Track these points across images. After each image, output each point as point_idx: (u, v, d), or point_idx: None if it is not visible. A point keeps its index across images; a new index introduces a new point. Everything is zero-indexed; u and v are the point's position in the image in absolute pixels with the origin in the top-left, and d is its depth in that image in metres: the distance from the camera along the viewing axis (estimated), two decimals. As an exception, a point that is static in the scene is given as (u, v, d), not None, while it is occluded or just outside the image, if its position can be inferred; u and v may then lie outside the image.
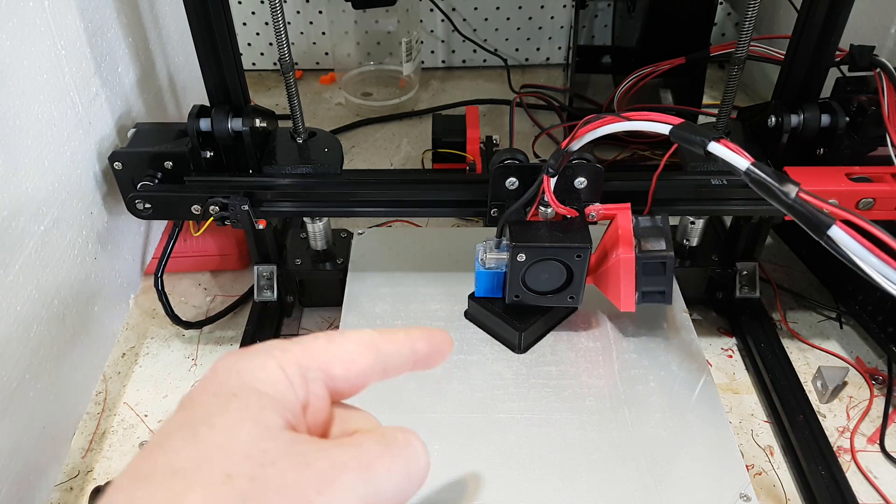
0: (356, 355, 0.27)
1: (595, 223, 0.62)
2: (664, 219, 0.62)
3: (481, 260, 0.63)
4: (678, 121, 0.49)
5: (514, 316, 0.64)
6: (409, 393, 0.61)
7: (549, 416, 0.59)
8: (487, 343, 0.66)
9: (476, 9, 1.25)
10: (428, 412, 0.59)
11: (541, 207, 0.61)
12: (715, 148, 0.46)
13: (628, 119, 0.52)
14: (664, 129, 0.50)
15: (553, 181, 0.58)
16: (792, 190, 0.42)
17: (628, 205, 0.61)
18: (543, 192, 0.58)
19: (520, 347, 0.65)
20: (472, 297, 0.67)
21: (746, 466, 0.65)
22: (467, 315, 0.69)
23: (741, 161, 0.45)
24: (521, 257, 0.59)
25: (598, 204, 0.62)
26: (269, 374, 0.25)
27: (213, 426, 0.23)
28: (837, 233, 0.40)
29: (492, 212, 0.64)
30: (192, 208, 0.67)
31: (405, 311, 0.69)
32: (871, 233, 0.40)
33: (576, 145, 0.55)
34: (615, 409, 0.60)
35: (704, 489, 0.54)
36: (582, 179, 0.61)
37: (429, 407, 0.60)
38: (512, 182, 0.62)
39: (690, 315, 0.69)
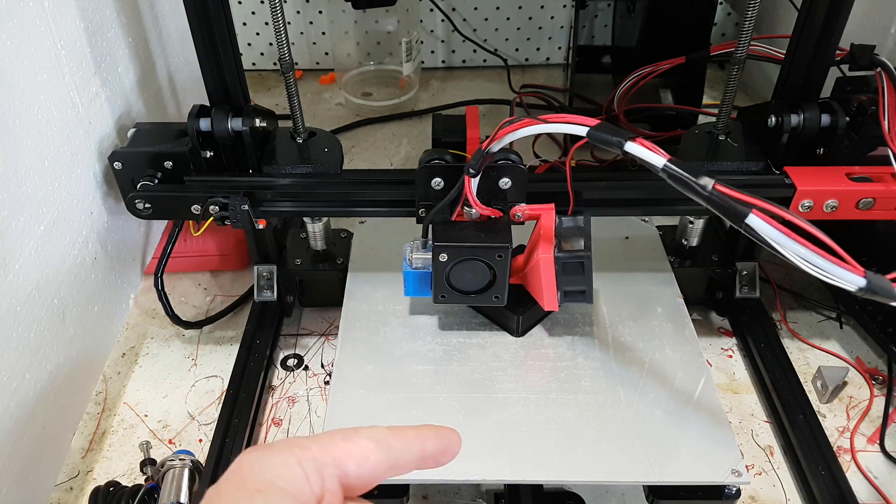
0: (369, 452, 0.29)
1: (522, 223, 0.63)
2: (586, 219, 0.63)
3: (408, 260, 0.63)
4: (594, 122, 0.50)
5: (513, 301, 0.65)
6: (410, 374, 0.63)
7: (546, 396, 0.61)
8: (486, 327, 0.68)
9: (476, 9, 1.25)
10: (429, 392, 0.62)
11: (466, 208, 0.61)
12: (631, 147, 0.47)
13: (545, 121, 0.52)
14: (581, 130, 0.50)
15: (475, 182, 0.58)
16: (709, 183, 0.43)
17: (552, 205, 0.61)
18: (466, 193, 0.59)
19: (518, 331, 0.67)
20: None
21: (746, 466, 0.65)
22: None
23: (657, 159, 0.45)
24: (443, 257, 0.60)
25: (523, 204, 0.62)
26: (289, 470, 0.27)
27: None
28: (755, 220, 0.41)
29: (420, 212, 0.65)
30: (192, 208, 0.67)
31: (405, 302, 0.70)
32: (786, 219, 0.41)
33: (495, 146, 0.56)
34: (610, 389, 0.62)
35: (698, 465, 0.55)
36: (506, 180, 0.61)
37: (430, 387, 0.62)
38: (437, 182, 0.62)
39: (690, 315, 0.69)
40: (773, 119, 0.66)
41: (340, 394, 0.62)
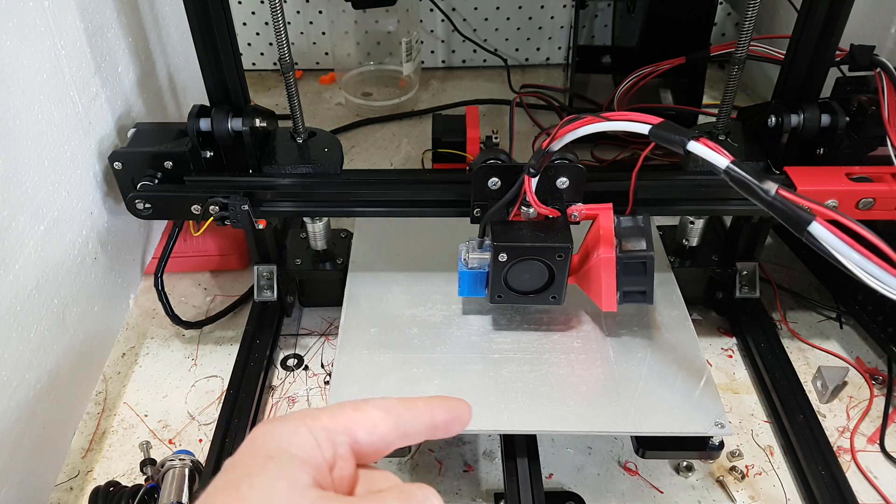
0: (378, 421, 0.30)
1: (578, 223, 0.63)
2: (646, 219, 0.63)
3: (464, 260, 0.63)
4: (657, 120, 0.49)
5: None
6: (412, 337, 0.66)
7: (540, 356, 0.64)
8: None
9: (476, 9, 1.25)
10: (429, 353, 0.65)
11: (523, 207, 0.61)
12: (694, 147, 0.46)
13: (608, 119, 0.52)
14: (643, 128, 0.49)
15: (534, 181, 0.58)
16: (772, 187, 0.42)
17: (610, 205, 0.61)
18: (525, 193, 0.59)
19: None
20: None
21: (746, 467, 0.65)
22: None
23: (720, 160, 0.45)
24: (503, 257, 0.60)
25: (580, 204, 0.62)
26: (300, 438, 0.28)
27: (252, 485, 0.26)
28: (818, 229, 0.40)
29: (475, 212, 0.64)
30: (192, 208, 0.67)
31: (406, 272, 0.73)
32: (850, 228, 0.40)
33: (556, 145, 0.55)
34: (601, 349, 0.64)
35: (683, 417, 0.58)
36: (564, 180, 0.61)
37: (430, 348, 0.65)
38: (494, 182, 0.62)
39: (690, 315, 0.69)
40: (773, 119, 0.66)
41: (346, 353, 0.64)
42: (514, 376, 0.62)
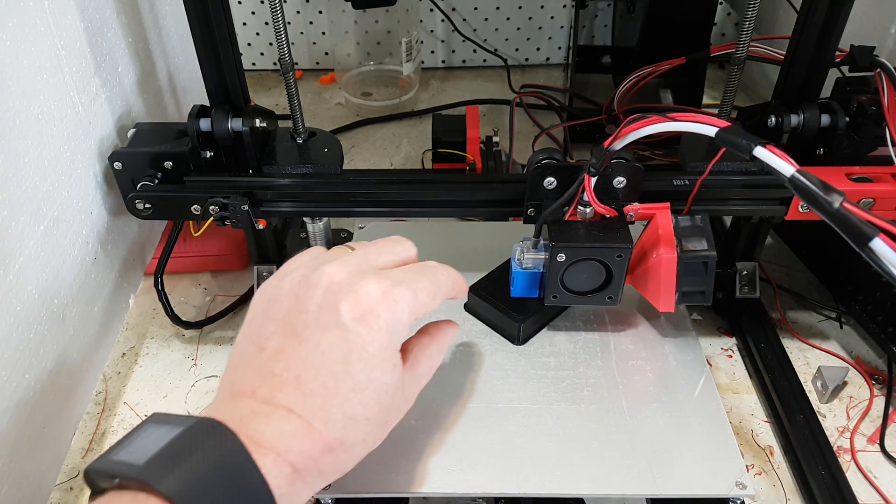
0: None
1: (633, 223, 0.62)
2: (704, 218, 0.62)
3: (518, 260, 0.62)
4: (724, 123, 0.49)
5: (514, 308, 0.65)
6: None
7: (548, 406, 0.60)
8: (487, 335, 0.67)
9: (476, 9, 1.25)
10: (428, 402, 0.59)
11: (579, 207, 0.60)
12: (761, 153, 0.46)
13: (674, 119, 0.51)
14: (710, 131, 0.49)
15: (593, 180, 0.57)
16: (836, 199, 0.42)
17: (667, 204, 0.61)
18: (583, 192, 0.58)
19: (519, 339, 0.66)
20: (471, 289, 0.68)
21: (746, 466, 0.65)
22: (467, 308, 0.69)
23: (786, 167, 0.45)
24: (561, 257, 0.59)
25: (636, 203, 0.61)
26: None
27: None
28: (879, 245, 0.40)
29: (528, 211, 0.64)
30: (192, 208, 0.67)
31: None
32: None
33: (618, 145, 0.55)
34: (613, 399, 0.61)
35: (701, 477, 0.55)
36: (621, 179, 0.60)
37: (429, 396, 0.58)
38: (550, 182, 0.61)
39: (690, 315, 0.69)
40: (773, 119, 0.66)
41: None
42: (520, 429, 0.58)
